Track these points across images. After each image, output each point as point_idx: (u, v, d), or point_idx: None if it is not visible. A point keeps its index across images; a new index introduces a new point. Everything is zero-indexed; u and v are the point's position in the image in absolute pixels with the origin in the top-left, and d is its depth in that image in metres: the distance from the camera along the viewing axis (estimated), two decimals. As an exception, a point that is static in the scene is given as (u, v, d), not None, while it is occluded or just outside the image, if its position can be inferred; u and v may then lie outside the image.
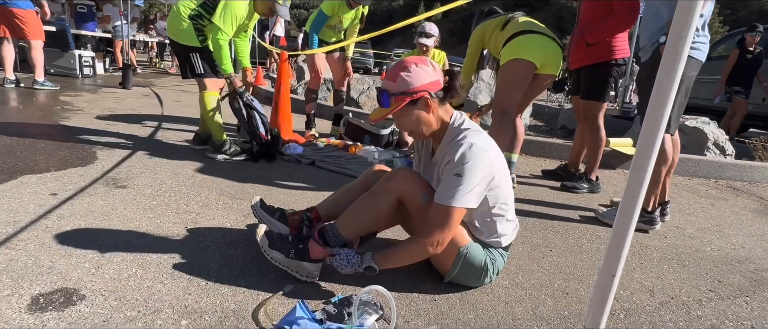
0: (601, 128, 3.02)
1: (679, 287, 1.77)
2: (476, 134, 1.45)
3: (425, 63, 1.47)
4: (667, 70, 0.80)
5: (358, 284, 1.53)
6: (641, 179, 0.85)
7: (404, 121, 1.49)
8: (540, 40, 2.65)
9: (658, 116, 0.82)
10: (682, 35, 0.77)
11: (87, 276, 1.43)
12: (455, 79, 1.49)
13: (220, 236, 1.81)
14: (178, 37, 2.87)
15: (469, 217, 1.50)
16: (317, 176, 2.89)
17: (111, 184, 2.31)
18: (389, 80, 1.47)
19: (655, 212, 2.37)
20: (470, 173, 1.36)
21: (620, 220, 0.88)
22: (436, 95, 1.47)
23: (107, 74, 8.21)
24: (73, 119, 3.88)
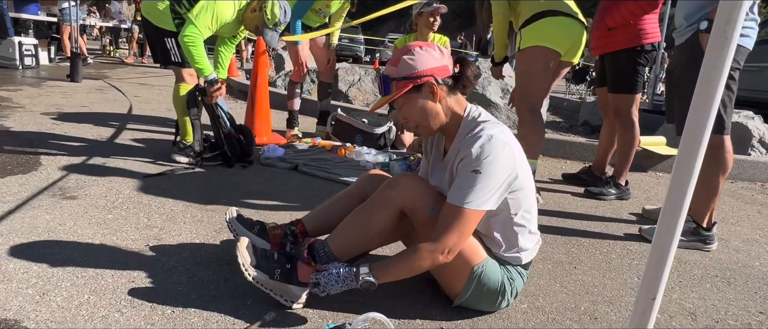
0: (635, 125, 3.02)
1: (725, 309, 1.77)
2: (495, 126, 1.45)
3: (431, 47, 1.48)
4: (716, 53, 0.79)
5: (353, 310, 1.52)
6: (684, 188, 0.84)
7: (408, 111, 1.49)
8: (567, 23, 2.62)
9: (705, 112, 0.81)
10: (734, 10, 0.76)
11: (30, 304, 1.40)
12: (467, 68, 1.49)
13: (188, 255, 1.79)
14: (152, 18, 2.87)
15: (487, 227, 1.49)
16: (301, 183, 2.88)
17: (58, 195, 2.28)
18: (391, 65, 1.49)
19: (713, 229, 2.34)
20: (490, 170, 1.36)
21: (661, 235, 0.87)
22: (444, 82, 1.47)
23: (52, 65, 8.15)
24: (12, 118, 3.84)
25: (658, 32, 2.99)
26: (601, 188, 3.15)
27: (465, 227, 1.37)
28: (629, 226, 2.63)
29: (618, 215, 2.80)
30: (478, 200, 1.35)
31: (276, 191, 2.65)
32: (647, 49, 2.94)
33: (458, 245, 1.39)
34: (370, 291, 1.42)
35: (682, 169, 0.84)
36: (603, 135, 3.37)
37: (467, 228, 1.37)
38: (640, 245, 2.35)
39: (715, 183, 2.29)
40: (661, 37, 3.22)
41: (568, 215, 2.74)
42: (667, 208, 0.86)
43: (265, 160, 3.20)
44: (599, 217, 2.75)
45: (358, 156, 3.41)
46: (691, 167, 0.83)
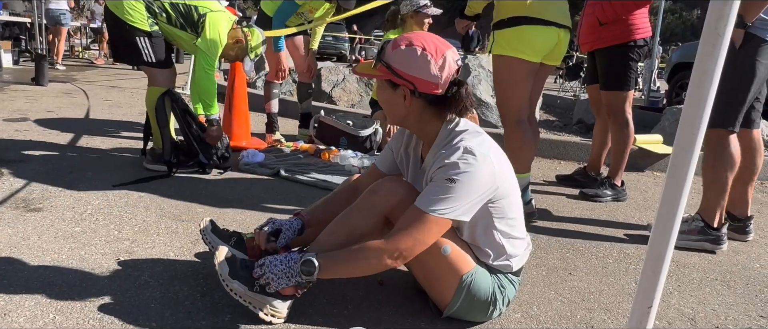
0: (628, 123, 3.06)
1: (725, 313, 1.79)
2: (475, 136, 1.44)
3: (436, 57, 1.41)
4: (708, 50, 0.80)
5: (337, 325, 1.50)
6: (679, 191, 0.85)
7: (381, 95, 1.56)
8: (543, 32, 2.51)
9: (698, 109, 0.82)
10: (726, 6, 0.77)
11: (-10, 326, 1.37)
12: (461, 90, 1.45)
13: (162, 269, 1.77)
14: (120, 13, 2.76)
15: (472, 236, 1.49)
16: (283, 189, 2.86)
17: (21, 207, 2.24)
18: (393, 46, 1.47)
19: (723, 228, 2.36)
20: (465, 182, 1.35)
21: (656, 241, 0.88)
22: (422, 95, 1.45)
23: (17, 67, 8.02)
24: (-28, 124, 3.76)
25: (649, 27, 3.03)
26: (596, 189, 3.17)
27: (423, 234, 1.36)
28: (626, 229, 2.65)
29: (614, 218, 2.82)
30: (445, 210, 1.34)
31: (256, 199, 2.63)
32: (639, 45, 2.98)
33: (411, 252, 1.37)
34: (311, 279, 1.40)
35: (677, 172, 0.85)
36: (596, 134, 3.41)
37: (425, 236, 1.37)
38: (638, 248, 2.38)
39: (724, 181, 2.31)
40: (652, 31, 3.26)
41: (562, 218, 2.75)
42: (661, 214, 0.87)
43: (245, 166, 3.17)
44: (595, 220, 2.77)
45: (342, 160, 3.40)
46: (685, 170, 0.84)
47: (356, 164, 3.35)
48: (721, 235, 2.36)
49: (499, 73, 2.62)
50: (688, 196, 0.87)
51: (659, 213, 0.87)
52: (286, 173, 3.10)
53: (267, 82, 4.07)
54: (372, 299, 1.68)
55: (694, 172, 0.84)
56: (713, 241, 2.36)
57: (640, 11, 2.95)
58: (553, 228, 2.56)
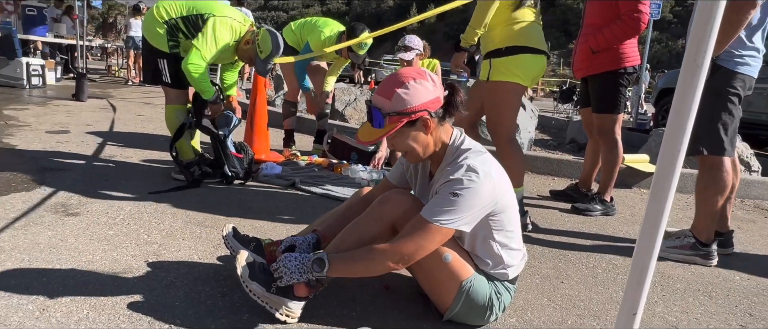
0: (618, 144, 3.05)
1: (707, 322, 1.77)
2: (479, 155, 1.45)
3: (425, 77, 1.44)
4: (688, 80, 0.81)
5: (346, 325, 1.51)
6: (662, 206, 0.85)
7: (398, 142, 1.48)
8: (538, 60, 2.61)
9: (679, 132, 0.83)
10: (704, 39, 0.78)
11: (30, 320, 1.39)
12: (456, 95, 1.48)
13: (187, 271, 1.78)
14: (149, 38, 2.89)
15: (472, 246, 1.50)
16: (298, 200, 2.87)
17: (60, 211, 2.27)
18: (383, 97, 1.43)
19: (713, 245, 2.36)
20: (468, 197, 1.36)
21: (640, 252, 0.88)
22: (436, 114, 1.46)
23: (59, 84, 8.15)
24: (17, 136, 3.83)
25: (638, 55, 3.04)
26: (587, 204, 3.16)
27: (426, 242, 1.37)
28: (614, 242, 2.64)
29: (603, 231, 2.81)
30: (447, 221, 1.35)
31: (274, 208, 2.65)
32: (629, 72, 2.99)
33: (413, 257, 1.38)
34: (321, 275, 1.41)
35: (660, 189, 0.85)
36: (588, 153, 3.40)
37: (428, 243, 1.37)
38: (625, 259, 2.36)
39: (715, 203, 2.31)
40: (640, 60, 3.26)
41: (555, 231, 2.74)
42: (646, 226, 0.87)
43: (264, 177, 3.19)
44: (585, 233, 2.75)
45: (353, 173, 3.41)
46: (667, 187, 0.85)
47: (365, 177, 3.36)
48: (712, 251, 2.35)
49: (498, 97, 2.63)
50: (671, 212, 0.87)
51: (643, 227, 0.87)
52: (301, 185, 3.12)
53: (286, 101, 4.12)
54: (379, 302, 1.68)
55: (675, 189, 0.85)
56: (704, 256, 2.34)
57: (630, 41, 2.96)
58: (546, 240, 2.55)
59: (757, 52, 2.23)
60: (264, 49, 2.89)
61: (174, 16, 2.83)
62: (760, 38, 2.23)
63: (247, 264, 1.48)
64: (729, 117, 2.24)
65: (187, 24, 2.85)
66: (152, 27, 2.85)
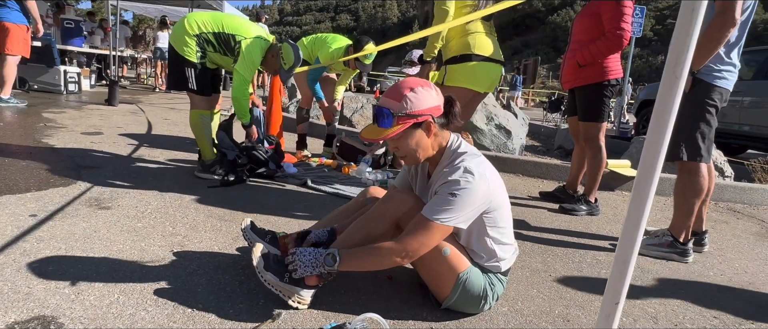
0: (602, 149, 3.05)
1: (683, 313, 1.76)
2: (474, 157, 1.45)
3: (429, 86, 1.47)
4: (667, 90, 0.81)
5: (352, 312, 1.51)
6: (643, 206, 0.85)
7: (402, 143, 1.48)
8: (492, 67, 2.60)
9: (659, 139, 0.83)
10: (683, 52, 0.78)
11: (66, 303, 1.40)
12: (453, 107, 1.49)
13: (208, 261, 1.79)
14: (178, 46, 2.86)
15: (468, 241, 1.50)
16: (309, 197, 2.88)
17: (94, 205, 2.28)
18: (392, 99, 1.44)
19: (689, 243, 2.35)
20: (464, 197, 1.36)
21: (622, 247, 0.88)
22: (438, 120, 1.47)
23: (93, 91, 8.20)
24: (55, 136, 3.85)
25: (620, 69, 3.03)
26: (573, 204, 3.15)
27: (428, 238, 1.37)
28: (598, 239, 2.63)
29: (588, 230, 2.80)
30: (446, 218, 1.36)
31: (288, 205, 2.65)
32: (612, 84, 2.98)
33: (418, 252, 1.38)
34: (333, 269, 1.42)
35: (641, 191, 0.85)
36: (574, 158, 3.39)
37: (430, 240, 1.38)
38: (608, 255, 2.35)
39: (691, 205, 2.30)
40: (623, 73, 3.26)
41: (544, 228, 2.73)
42: (628, 224, 0.87)
43: (281, 173, 3.20)
44: (572, 231, 2.74)
45: (359, 174, 3.42)
46: (647, 189, 0.85)
47: (371, 178, 3.36)
48: (688, 249, 2.34)
49: None
50: (650, 213, 0.87)
51: (626, 221, 0.87)
52: (312, 184, 3.12)
53: (299, 107, 4.14)
54: (382, 291, 1.68)
55: (656, 186, 0.85)
56: (681, 253, 2.33)
57: (613, 56, 2.96)
58: (535, 237, 2.54)
59: (733, 67, 2.22)
60: (287, 60, 2.95)
61: (206, 31, 2.84)
62: (736, 55, 2.22)
63: (262, 255, 1.49)
64: (706, 127, 2.23)
65: (219, 40, 2.87)
66: (182, 37, 2.84)
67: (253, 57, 2.87)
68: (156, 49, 9.95)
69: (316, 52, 3.81)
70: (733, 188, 3.96)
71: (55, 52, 7.13)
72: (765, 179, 4.55)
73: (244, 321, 1.39)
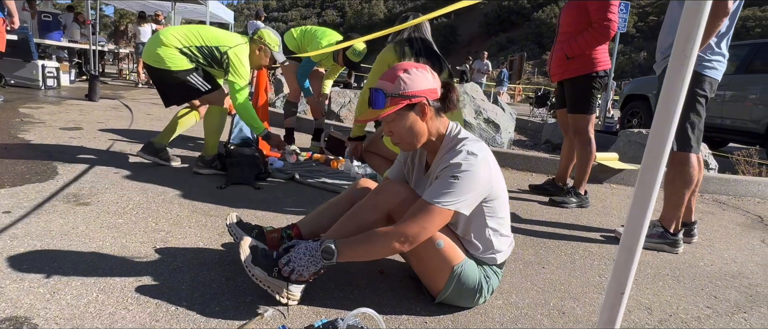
0: (591, 141, 3.04)
1: (677, 304, 1.75)
2: (476, 142, 1.41)
3: (425, 69, 1.43)
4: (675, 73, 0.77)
5: (344, 307, 1.46)
6: (649, 195, 0.81)
7: (396, 126, 1.43)
8: None
9: (665, 129, 0.79)
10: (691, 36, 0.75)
11: (40, 302, 1.32)
12: (452, 92, 1.45)
13: (192, 257, 1.72)
14: (163, 63, 2.69)
15: (465, 230, 1.45)
16: (297, 191, 2.81)
17: (72, 201, 2.18)
18: (386, 81, 1.41)
19: (679, 234, 2.35)
20: (467, 180, 1.32)
21: (628, 236, 0.84)
22: (433, 104, 1.43)
23: (73, 86, 7.97)
24: (32, 132, 3.71)
25: (608, 61, 3.03)
26: (563, 197, 3.14)
27: (428, 223, 1.32)
28: (589, 231, 2.62)
29: (579, 222, 2.79)
30: (448, 202, 1.31)
31: (275, 200, 2.58)
32: (600, 75, 2.97)
33: (417, 238, 1.33)
34: (331, 262, 1.36)
35: (647, 176, 0.82)
36: (564, 151, 3.38)
37: (430, 224, 1.32)
38: (600, 247, 2.34)
39: (681, 195, 2.30)
40: (611, 65, 3.25)
41: (535, 221, 2.72)
42: (633, 212, 0.84)
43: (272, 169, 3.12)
44: (563, 223, 2.73)
45: (347, 168, 3.36)
46: (655, 174, 0.81)
47: (360, 172, 3.31)
48: (678, 239, 2.33)
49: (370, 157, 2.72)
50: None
51: (632, 208, 0.83)
52: (300, 178, 3.06)
53: (287, 101, 4.06)
54: (374, 286, 1.63)
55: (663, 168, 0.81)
56: (671, 244, 2.33)
57: (601, 47, 2.95)
58: (527, 229, 2.52)
59: (723, 57, 2.22)
60: (273, 43, 2.90)
61: (188, 45, 2.74)
62: (725, 45, 2.22)
63: (251, 249, 1.43)
64: (696, 117, 2.22)
65: (203, 53, 2.78)
66: (164, 53, 2.68)
67: (243, 62, 2.81)
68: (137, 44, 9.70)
69: (305, 45, 3.74)
70: (718, 180, 4.00)
71: (33, 46, 6.90)
72: (748, 171, 4.62)
73: (230, 319, 1.33)
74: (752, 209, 3.51)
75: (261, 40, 2.89)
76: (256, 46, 2.90)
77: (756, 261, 2.33)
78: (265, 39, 2.88)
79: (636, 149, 4.61)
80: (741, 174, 4.50)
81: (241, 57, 2.80)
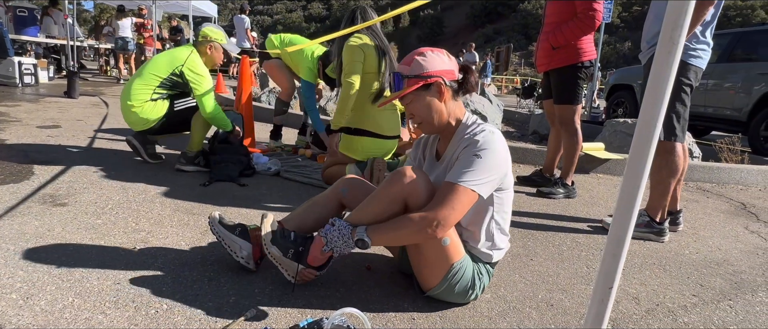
0: (578, 132, 3.04)
1: (664, 293, 1.76)
2: (493, 128, 1.42)
3: (441, 52, 1.47)
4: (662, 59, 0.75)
5: (330, 306, 1.43)
6: (636, 186, 0.80)
7: (415, 107, 1.45)
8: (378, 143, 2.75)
9: (652, 118, 0.77)
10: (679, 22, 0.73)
11: (13, 309, 1.27)
12: (470, 75, 1.47)
13: (174, 257, 1.67)
14: (148, 122, 2.81)
15: (471, 220, 1.44)
16: (283, 187, 2.77)
17: (48, 202, 2.12)
18: (404, 64, 1.45)
19: (665, 223, 2.35)
20: (489, 157, 1.33)
21: (615, 229, 0.83)
22: (450, 84, 1.44)
23: (52, 83, 7.77)
24: (8, 131, 3.60)
25: (594, 51, 3.02)
26: (551, 188, 3.14)
27: (457, 204, 1.29)
28: (577, 222, 2.62)
29: (566, 212, 2.79)
30: (473, 181, 1.30)
31: (261, 196, 2.54)
32: (586, 65, 2.97)
33: (448, 221, 1.30)
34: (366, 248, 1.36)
35: (635, 165, 0.80)
36: (550, 141, 3.38)
37: (459, 205, 1.30)
38: (588, 237, 2.34)
39: (667, 184, 2.30)
40: (596, 55, 3.25)
41: (523, 213, 2.71)
42: (621, 203, 0.82)
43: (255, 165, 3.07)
44: (550, 214, 2.73)
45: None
46: (643, 163, 0.79)
47: (347, 166, 3.26)
48: (664, 228, 2.34)
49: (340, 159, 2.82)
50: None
51: (619, 199, 0.81)
52: (286, 174, 3.01)
53: (278, 99, 3.99)
54: (362, 282, 1.60)
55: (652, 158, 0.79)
56: (657, 233, 2.34)
57: (586, 37, 2.94)
58: (515, 221, 2.51)
59: (707, 46, 2.22)
60: (218, 37, 2.93)
61: (153, 91, 2.78)
62: (710, 33, 2.22)
63: (272, 229, 1.48)
64: (681, 106, 2.23)
65: (167, 85, 2.82)
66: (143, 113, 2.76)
67: (201, 70, 2.81)
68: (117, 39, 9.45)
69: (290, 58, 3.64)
70: (701, 168, 4.05)
71: (8, 43, 6.71)
72: (731, 159, 4.68)
73: (213, 321, 1.29)
74: (735, 197, 3.56)
75: (207, 39, 2.91)
76: (206, 47, 2.91)
77: (740, 248, 2.35)
78: (210, 36, 2.91)
79: (622, 138, 4.64)
80: (724, 162, 4.56)
81: (196, 68, 2.81)
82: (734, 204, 3.32)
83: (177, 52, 2.86)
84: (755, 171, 4.03)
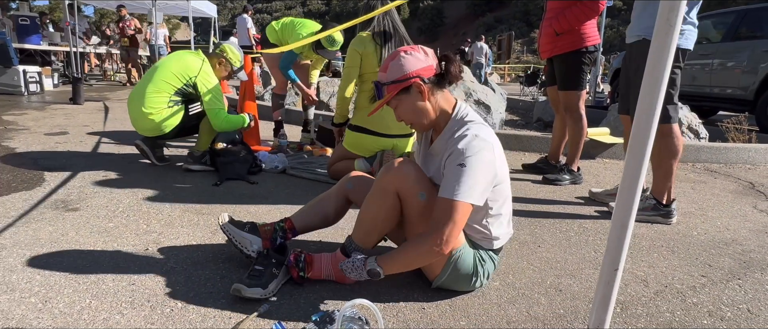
0: (582, 117, 3.03)
1: (672, 274, 1.77)
2: (480, 126, 1.40)
3: (417, 50, 1.44)
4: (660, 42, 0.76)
5: (341, 298, 1.45)
6: (638, 169, 0.81)
7: (401, 111, 1.46)
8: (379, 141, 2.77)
9: (652, 101, 0.78)
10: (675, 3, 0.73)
11: (32, 312, 1.30)
12: (451, 64, 1.44)
13: (186, 256, 1.70)
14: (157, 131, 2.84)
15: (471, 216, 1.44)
16: (290, 184, 2.80)
17: (61, 207, 2.15)
18: (381, 72, 1.45)
19: (672, 204, 2.35)
20: (474, 165, 1.31)
21: (619, 212, 0.84)
22: (430, 80, 1.43)
23: (56, 90, 7.84)
24: (17, 139, 3.65)
25: (597, 35, 3.01)
26: (556, 174, 3.14)
27: (457, 218, 1.30)
28: (583, 207, 2.63)
29: (572, 198, 2.80)
30: (464, 193, 1.29)
31: (267, 193, 2.57)
32: (590, 50, 2.95)
33: (452, 236, 1.31)
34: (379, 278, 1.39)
35: (636, 148, 0.81)
36: (555, 128, 3.38)
37: (458, 218, 1.31)
38: (594, 222, 2.35)
39: (669, 166, 2.30)
40: (600, 39, 3.23)
41: (529, 200, 2.72)
42: (624, 186, 0.83)
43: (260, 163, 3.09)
44: (556, 200, 2.74)
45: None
46: (643, 146, 0.80)
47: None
48: (672, 210, 2.34)
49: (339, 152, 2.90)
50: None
51: (621, 187, 0.82)
52: (292, 171, 3.03)
53: (274, 94, 4.01)
54: (370, 274, 1.62)
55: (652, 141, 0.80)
56: (664, 215, 2.34)
57: (589, 22, 2.92)
58: (521, 209, 2.52)
59: (693, 26, 2.21)
60: (235, 60, 3.01)
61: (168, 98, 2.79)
62: (695, 13, 2.21)
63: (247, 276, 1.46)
64: (673, 88, 2.22)
65: (181, 95, 2.84)
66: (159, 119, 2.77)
67: (212, 81, 2.85)
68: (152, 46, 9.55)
69: (286, 38, 3.68)
70: (708, 149, 4.03)
71: (12, 52, 6.77)
72: (738, 139, 4.65)
73: (226, 317, 1.32)
74: (743, 176, 3.54)
75: (222, 55, 2.96)
76: (217, 60, 2.96)
77: (749, 227, 2.35)
78: (227, 54, 2.97)
79: (627, 122, 4.62)
80: (731, 142, 4.53)
81: (208, 79, 2.84)
82: (742, 184, 3.30)
83: (188, 60, 2.85)
84: (763, 150, 4.00)
